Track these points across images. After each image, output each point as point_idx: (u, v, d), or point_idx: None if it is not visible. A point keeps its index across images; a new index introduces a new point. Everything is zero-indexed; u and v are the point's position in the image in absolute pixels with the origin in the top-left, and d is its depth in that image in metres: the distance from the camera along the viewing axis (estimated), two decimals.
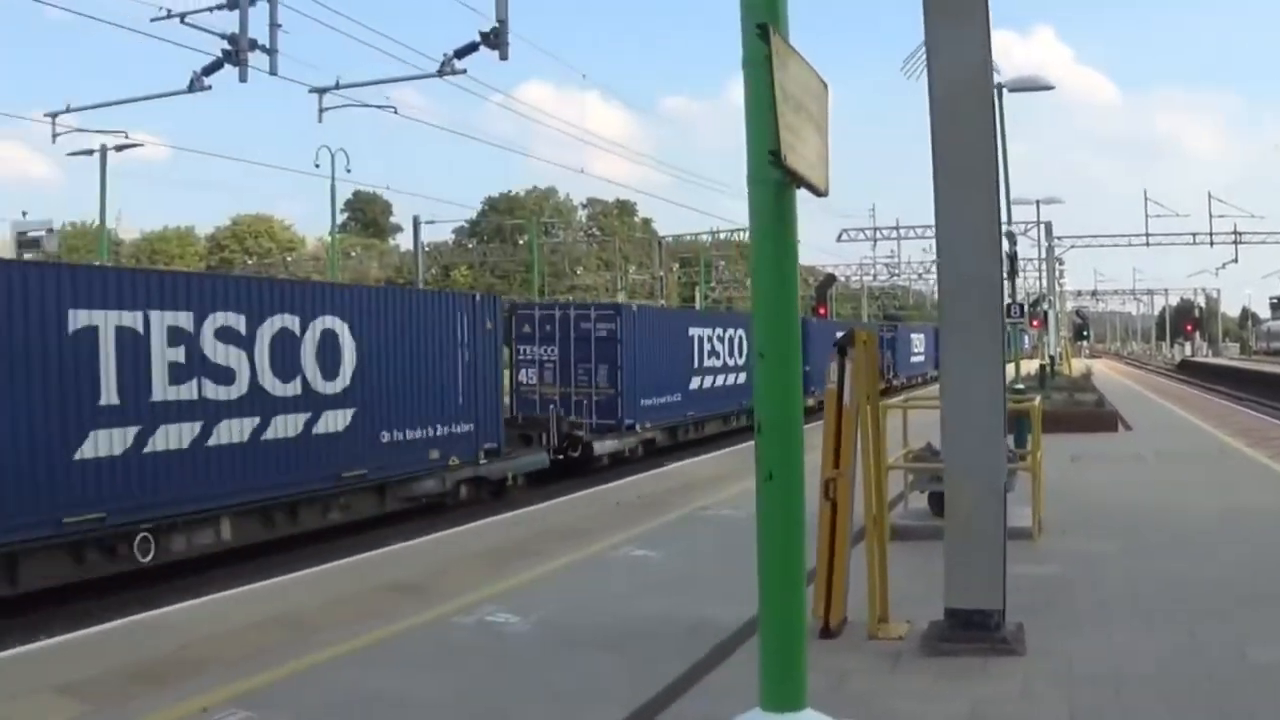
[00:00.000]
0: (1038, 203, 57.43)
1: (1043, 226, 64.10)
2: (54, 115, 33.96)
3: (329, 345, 21.34)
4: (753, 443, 5.94)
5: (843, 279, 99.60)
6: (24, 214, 27.09)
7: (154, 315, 17.66)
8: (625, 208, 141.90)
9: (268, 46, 25.30)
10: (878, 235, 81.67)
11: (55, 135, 33.88)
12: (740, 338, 42.72)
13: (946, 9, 9.54)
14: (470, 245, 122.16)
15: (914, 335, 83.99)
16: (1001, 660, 9.57)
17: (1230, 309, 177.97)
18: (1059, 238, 67.20)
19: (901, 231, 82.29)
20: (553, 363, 33.71)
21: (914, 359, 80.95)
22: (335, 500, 21.84)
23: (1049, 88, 38.09)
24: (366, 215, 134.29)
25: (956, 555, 9.92)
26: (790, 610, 6.12)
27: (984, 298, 9.85)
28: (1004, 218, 15.86)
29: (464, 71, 26.68)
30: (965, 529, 9.84)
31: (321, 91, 31.18)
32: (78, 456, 16.43)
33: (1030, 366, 61.34)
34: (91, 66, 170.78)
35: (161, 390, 17.77)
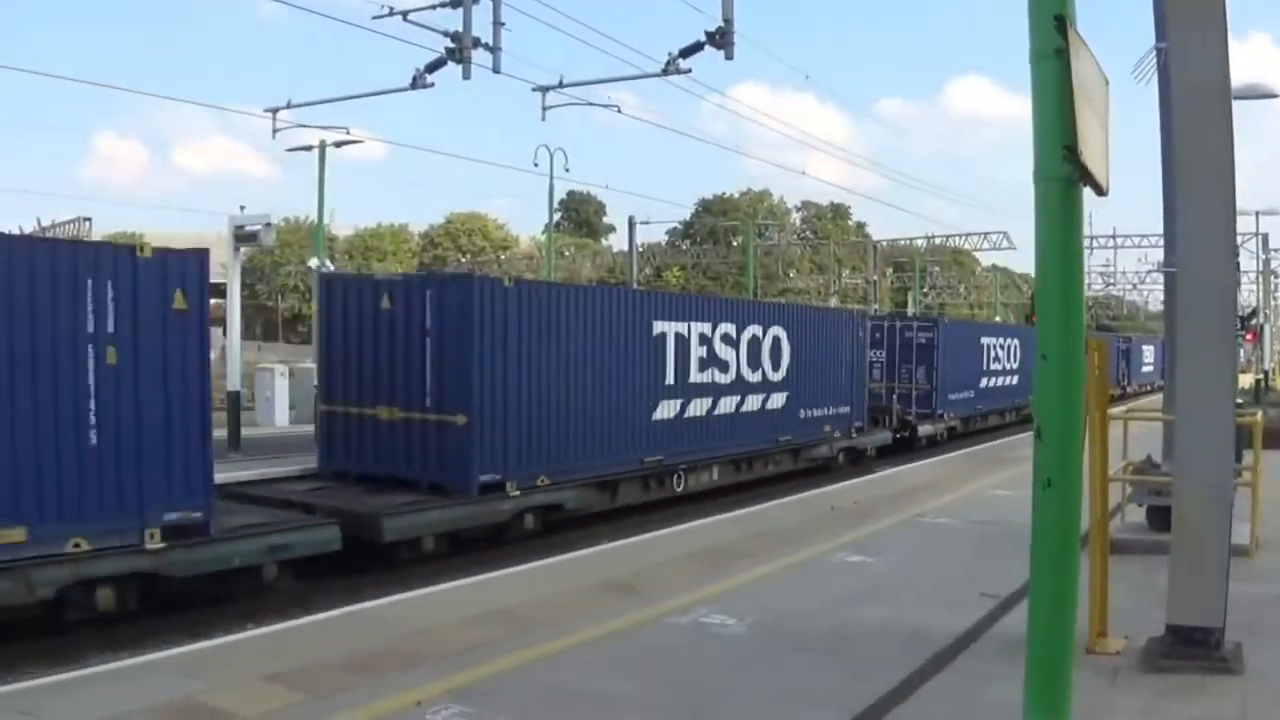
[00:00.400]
0: (1257, 214, 55.21)
1: (1260, 238, 62.09)
2: (274, 111, 34.67)
3: (777, 347, 28.51)
4: (973, 450, 5.86)
5: None
6: (241, 208, 27.47)
7: (693, 325, 25.00)
8: (839, 211, 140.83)
9: (490, 44, 25.46)
10: (1093, 244, 79.70)
11: (275, 131, 34.65)
12: (1016, 346, 50.13)
13: (1187, 13, 9.30)
14: (683, 246, 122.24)
15: (1145, 346, 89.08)
16: (1220, 679, 9.36)
17: None
18: (1275, 250, 64.87)
19: (1118, 240, 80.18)
20: (880, 364, 39.98)
21: (1144, 369, 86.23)
22: (772, 457, 28.84)
23: (1274, 95, 36.80)
24: (580, 215, 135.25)
25: (1181, 571, 9.70)
26: (1061, 621, 5.99)
27: (1219, 309, 9.59)
28: None
29: (689, 71, 26.68)
30: (1192, 545, 9.62)
31: (545, 90, 31.34)
32: (653, 418, 23.80)
33: (1244, 381, 59.46)
34: (312, 64, 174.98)
35: (695, 376, 25.08)
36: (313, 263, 36.00)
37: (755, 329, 27.67)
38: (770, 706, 8.76)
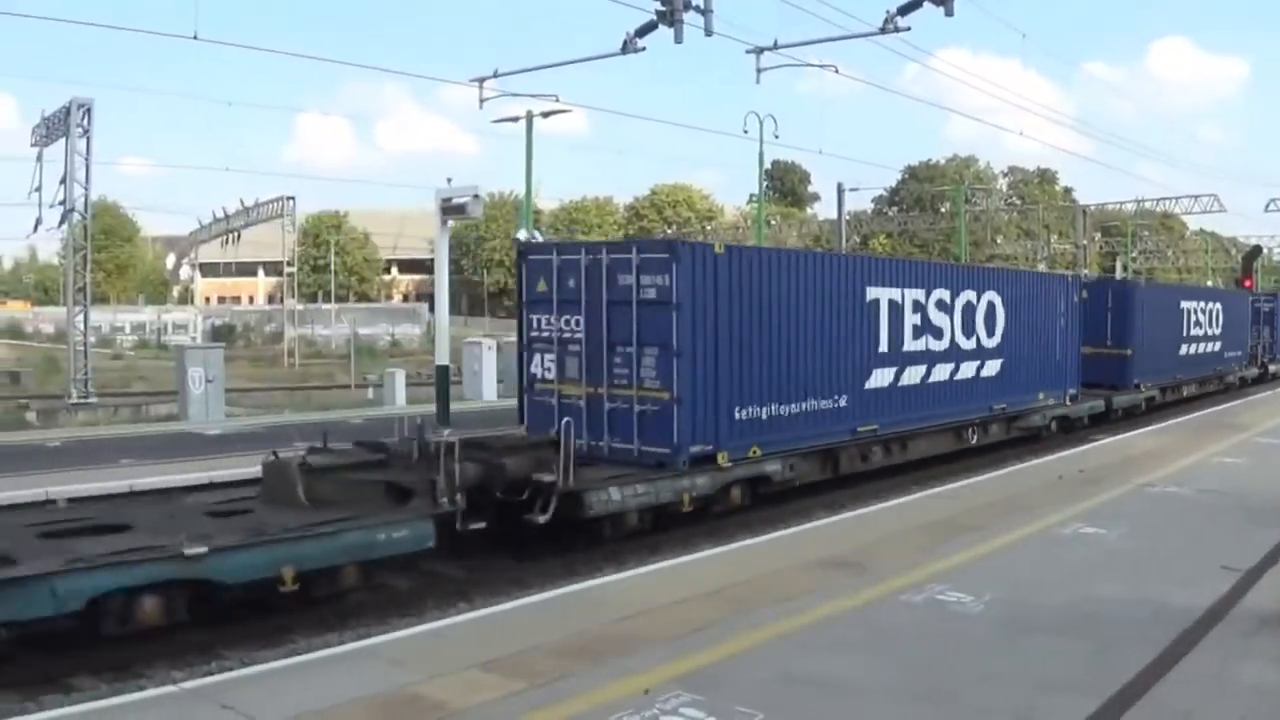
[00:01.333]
0: None
1: None
2: (481, 80, 34.52)
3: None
4: (1193, 416, 5.51)
5: (1268, 250, 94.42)
6: (449, 180, 27.49)
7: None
8: (1046, 176, 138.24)
9: (702, 6, 25.05)
10: None
11: (482, 101, 34.52)
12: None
13: None
14: (890, 213, 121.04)
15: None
16: None
17: None
18: None
19: None
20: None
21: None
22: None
23: None
24: (785, 184, 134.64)
25: None
26: None
27: None
28: None
29: (908, 29, 26.11)
30: None
31: (760, 51, 30.81)
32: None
33: None
34: (521, 31, 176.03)
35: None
36: (521, 234, 36.15)
37: (970, 294, 26.28)
38: (1015, 691, 8.40)
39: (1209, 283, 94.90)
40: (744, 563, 13.00)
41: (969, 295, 26.24)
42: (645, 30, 26.42)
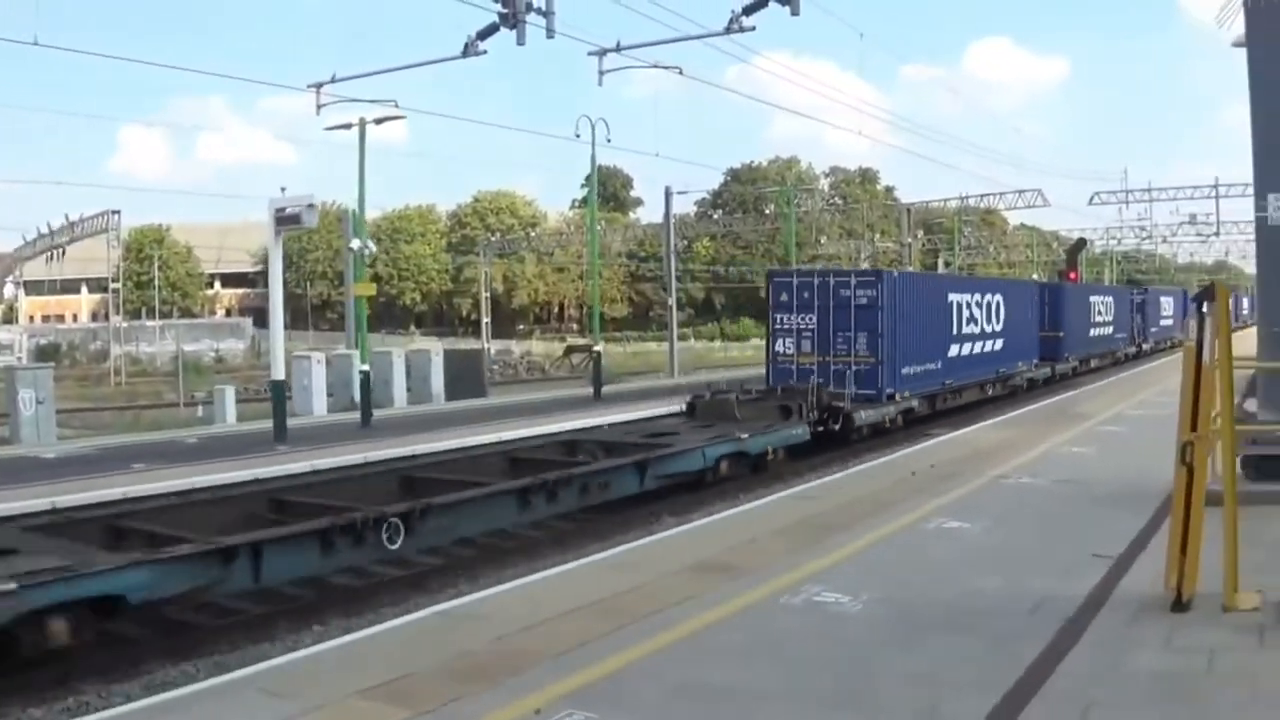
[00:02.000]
0: None
1: None
2: (318, 86, 33.88)
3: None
4: (1035, 407, 5.43)
5: (1092, 242, 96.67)
6: (282, 189, 26.97)
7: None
8: (867, 175, 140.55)
9: (543, 9, 24.81)
10: (1129, 198, 78.88)
11: (319, 107, 33.85)
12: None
13: None
14: (715, 216, 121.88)
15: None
16: None
17: None
18: None
19: (1153, 194, 79.32)
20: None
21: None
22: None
23: None
24: (607, 189, 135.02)
25: None
26: None
27: None
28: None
29: (753, 29, 26.19)
30: None
31: (602, 53, 30.52)
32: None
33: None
34: (360, 39, 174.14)
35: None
36: (354, 244, 35.47)
37: (988, 296, 40.35)
38: (917, 691, 8.27)
39: (1034, 275, 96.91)
40: (622, 570, 12.70)
41: (986, 298, 39.82)
42: (487, 33, 26.08)
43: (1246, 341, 15.87)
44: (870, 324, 31.01)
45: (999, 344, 41.03)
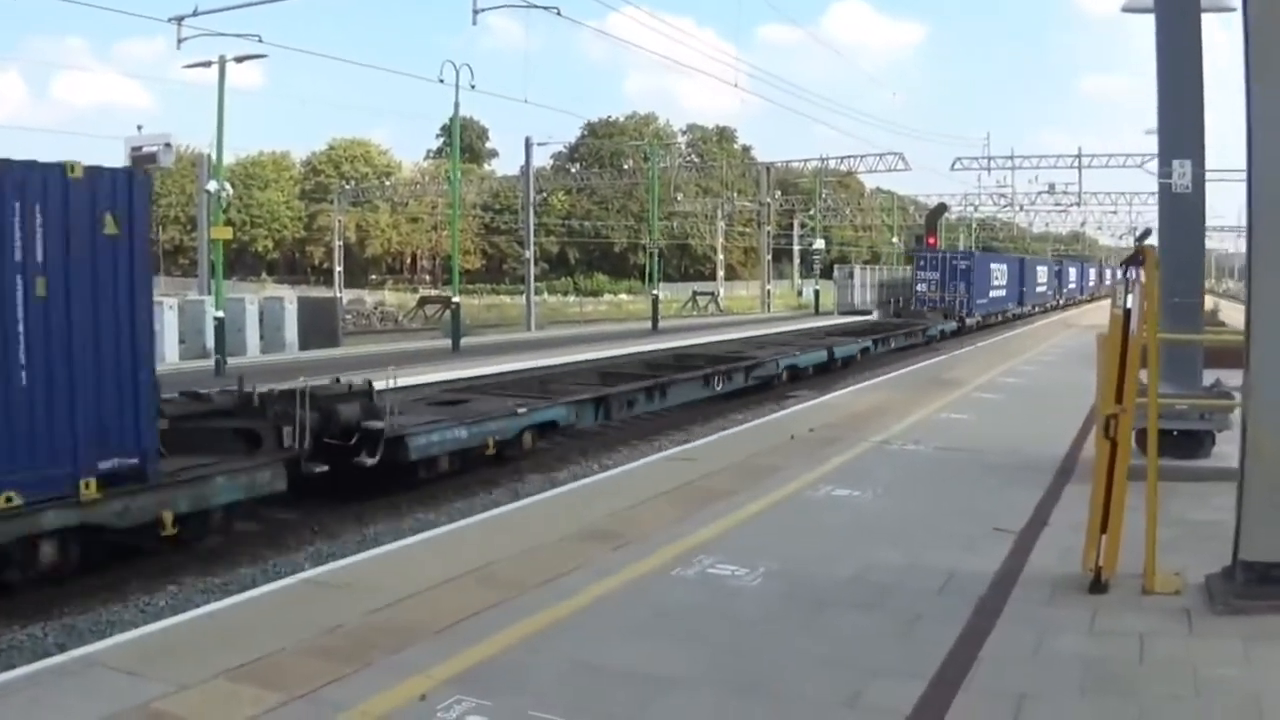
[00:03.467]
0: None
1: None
2: (180, 19, 32.44)
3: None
4: (895, 374, 4.83)
5: (958, 208, 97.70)
6: (139, 128, 25.87)
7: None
8: (725, 134, 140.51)
9: None
10: (991, 165, 79.51)
11: (180, 41, 32.43)
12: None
13: None
14: (572, 170, 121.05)
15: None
16: None
17: None
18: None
19: (1016, 161, 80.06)
20: None
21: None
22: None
23: None
24: (463, 140, 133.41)
25: (1257, 505, 8.86)
26: None
27: None
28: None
29: None
30: (1269, 473, 8.74)
31: None
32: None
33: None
34: None
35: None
36: (211, 186, 34.11)
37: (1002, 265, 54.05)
38: (833, 676, 7.67)
39: (893, 240, 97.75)
40: (500, 535, 11.94)
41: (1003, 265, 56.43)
42: None
43: (1103, 312, 15.59)
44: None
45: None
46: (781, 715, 7.07)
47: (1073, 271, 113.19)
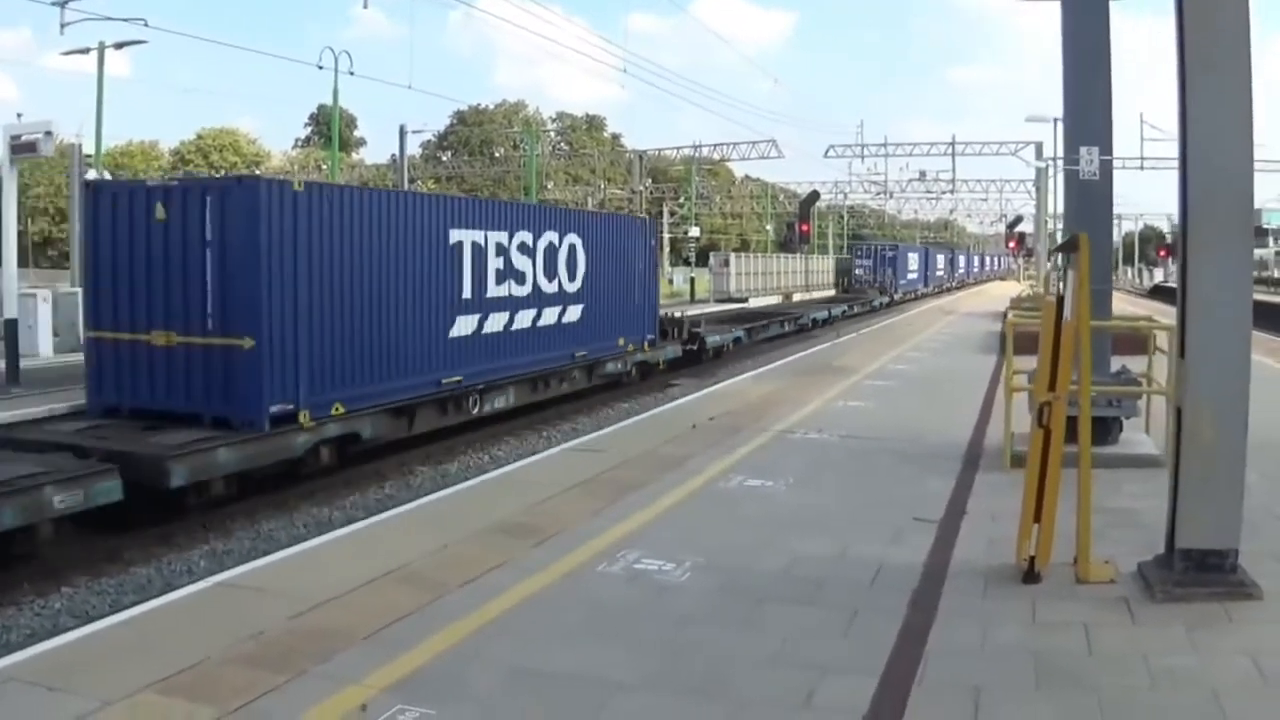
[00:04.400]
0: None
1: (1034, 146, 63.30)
2: (64, 3, 31.64)
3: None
4: (782, 363, 4.69)
5: (828, 196, 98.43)
6: (19, 116, 25.09)
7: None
8: (594, 122, 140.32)
9: None
10: (864, 152, 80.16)
11: (63, 26, 31.73)
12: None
13: None
14: (443, 158, 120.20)
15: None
16: (1242, 605, 8.63)
17: None
18: (1050, 159, 65.65)
19: (889, 149, 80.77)
20: None
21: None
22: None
23: None
24: (331, 129, 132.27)
25: (1192, 491, 8.84)
26: None
27: (1237, 208, 8.69)
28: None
29: None
30: (1204, 459, 8.74)
31: None
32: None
33: (1005, 288, 61.82)
34: None
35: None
36: (90, 174, 33.25)
37: (552, 236, 26.30)
38: (779, 675, 7.49)
39: (766, 228, 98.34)
40: (415, 531, 11.59)
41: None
42: None
43: (981, 297, 15.58)
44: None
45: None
46: (739, 717, 6.87)
47: (961, 259, 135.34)
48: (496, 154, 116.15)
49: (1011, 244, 77.06)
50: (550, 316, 26.08)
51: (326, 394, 18.46)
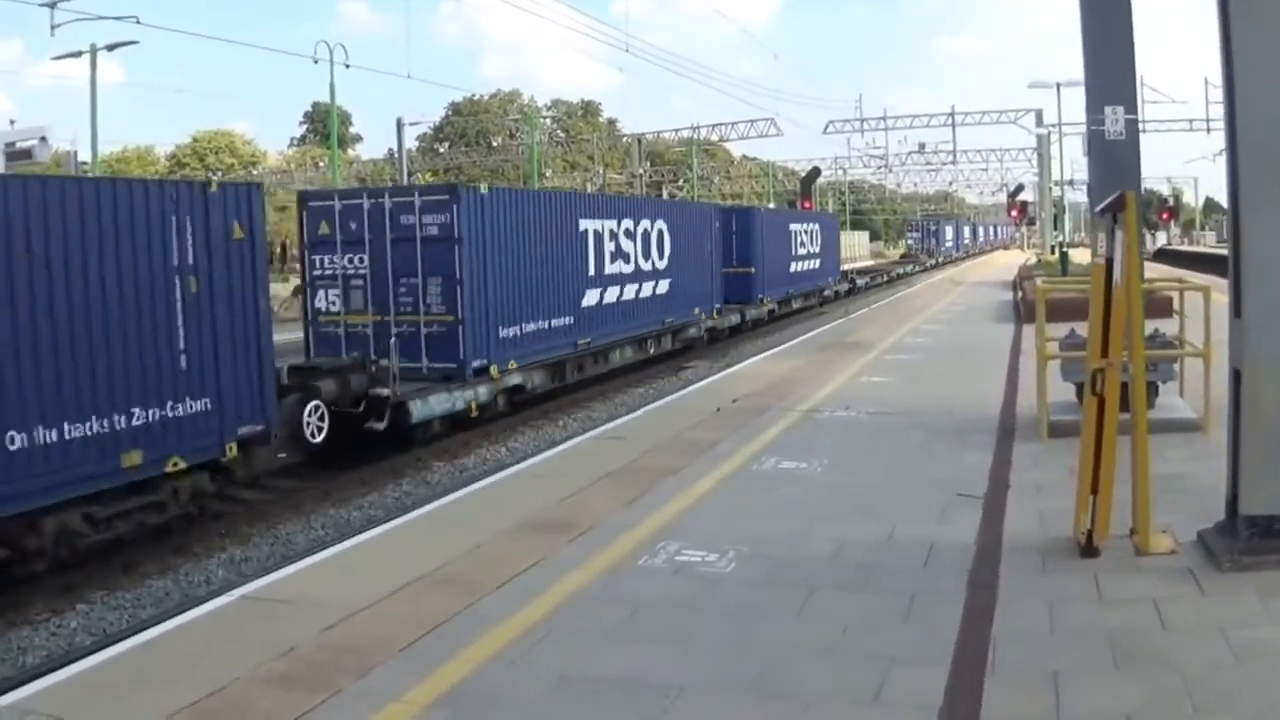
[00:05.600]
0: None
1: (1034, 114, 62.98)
2: (53, 3, 31.30)
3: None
4: (796, 341, 4.35)
5: (829, 172, 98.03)
6: (12, 123, 24.79)
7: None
8: (590, 109, 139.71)
9: None
10: (864, 126, 79.66)
11: (54, 27, 31.41)
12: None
13: None
14: (441, 150, 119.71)
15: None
16: None
17: (1224, 199, 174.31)
18: (1051, 126, 65.25)
19: (889, 122, 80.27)
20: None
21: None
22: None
23: None
24: (326, 126, 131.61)
25: (1255, 457, 8.51)
26: None
27: None
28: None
29: None
30: (1269, 424, 8.40)
31: None
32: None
33: (1008, 258, 61.49)
34: None
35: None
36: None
37: (646, 223, 31.70)
38: (845, 666, 7.21)
39: (768, 205, 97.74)
40: (444, 529, 11.33)
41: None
42: None
43: (988, 267, 15.24)
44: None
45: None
46: (807, 717, 6.54)
47: (980, 230, 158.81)
48: (494, 144, 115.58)
49: (1014, 212, 76.59)
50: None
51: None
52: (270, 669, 7.58)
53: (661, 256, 32.66)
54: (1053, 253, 52.34)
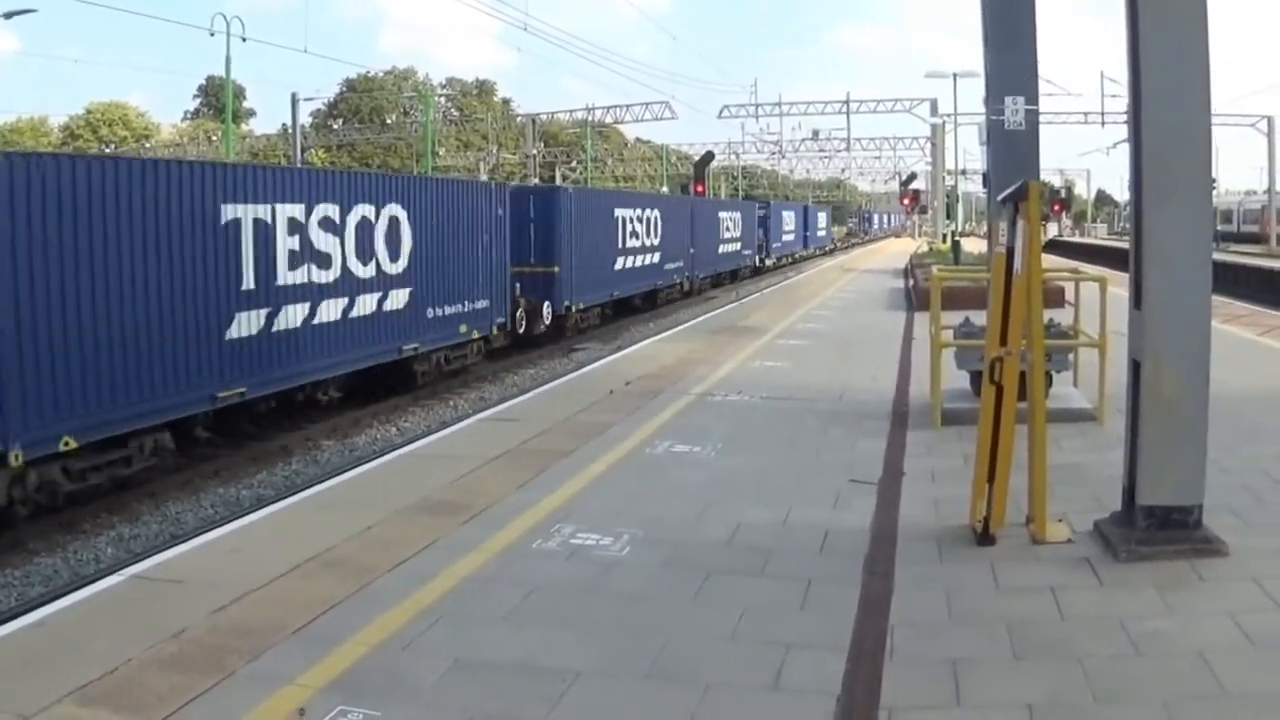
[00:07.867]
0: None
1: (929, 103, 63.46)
2: None
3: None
4: (689, 325, 4.28)
5: (722, 156, 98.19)
6: None
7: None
8: (485, 88, 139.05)
9: None
10: (759, 112, 79.92)
11: None
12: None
13: None
14: (335, 126, 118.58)
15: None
16: (1211, 563, 8.35)
17: (1116, 191, 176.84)
18: (945, 115, 65.74)
19: (784, 108, 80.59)
20: None
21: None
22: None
23: None
24: (220, 100, 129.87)
25: (1154, 446, 8.56)
26: None
27: (1195, 155, 8.39)
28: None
29: None
30: (1166, 414, 8.45)
31: None
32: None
33: (899, 246, 62.13)
34: None
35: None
36: None
37: (365, 209, 22.26)
38: (744, 652, 7.12)
39: (663, 189, 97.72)
40: (333, 510, 11.01)
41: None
42: None
43: (879, 255, 15.32)
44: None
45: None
46: (706, 704, 6.42)
47: (877, 217, 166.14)
48: (388, 121, 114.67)
49: (905, 200, 77.24)
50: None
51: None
52: (162, 650, 7.33)
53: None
54: (944, 241, 52.63)
